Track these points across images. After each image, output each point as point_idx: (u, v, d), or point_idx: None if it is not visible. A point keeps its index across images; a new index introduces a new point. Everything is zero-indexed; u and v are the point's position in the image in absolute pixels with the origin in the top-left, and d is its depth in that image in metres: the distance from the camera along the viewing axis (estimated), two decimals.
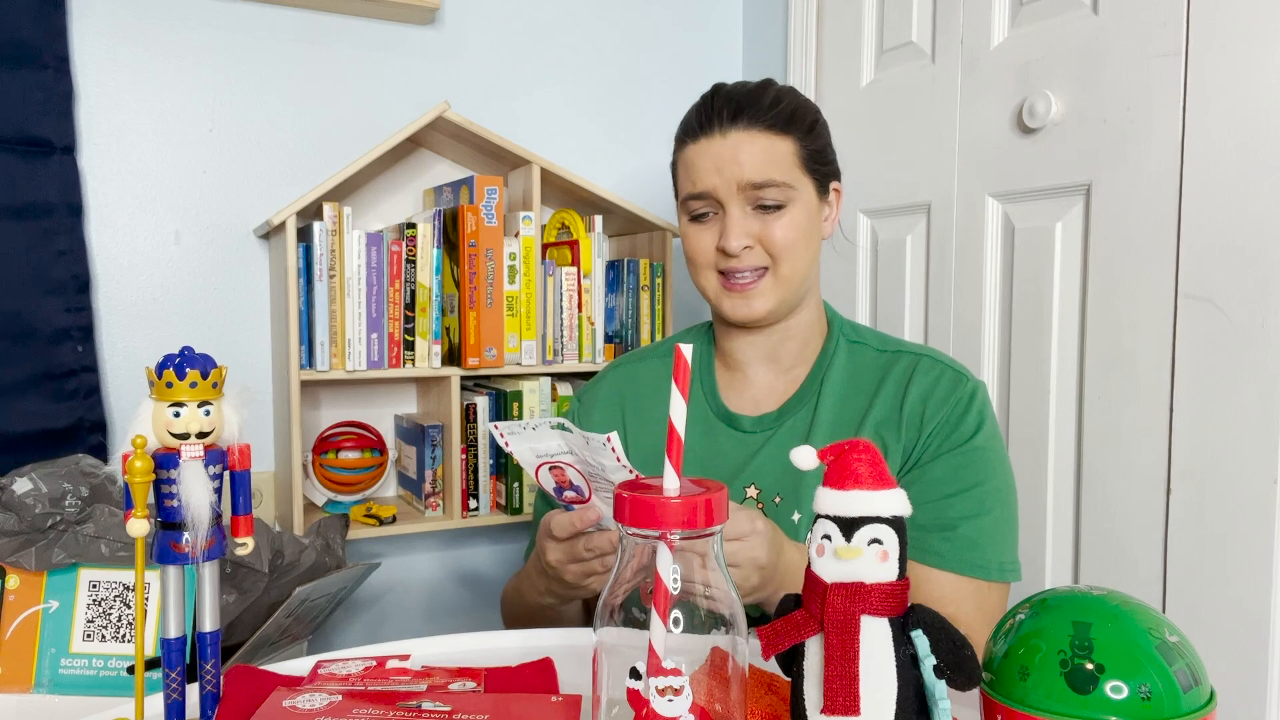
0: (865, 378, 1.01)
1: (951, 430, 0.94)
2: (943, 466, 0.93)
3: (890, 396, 0.98)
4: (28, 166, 1.35)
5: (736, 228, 0.96)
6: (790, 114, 0.98)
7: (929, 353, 1.01)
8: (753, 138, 0.96)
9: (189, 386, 0.55)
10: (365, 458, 1.56)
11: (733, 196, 0.96)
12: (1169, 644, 0.45)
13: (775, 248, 0.96)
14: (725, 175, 0.95)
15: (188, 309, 1.51)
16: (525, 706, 0.59)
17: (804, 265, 0.99)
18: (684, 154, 1.01)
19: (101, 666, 0.98)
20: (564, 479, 0.80)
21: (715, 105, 0.98)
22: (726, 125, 0.97)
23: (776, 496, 0.97)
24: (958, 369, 0.98)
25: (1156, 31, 1.15)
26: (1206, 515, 1.11)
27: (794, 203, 0.97)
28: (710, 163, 0.97)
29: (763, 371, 1.04)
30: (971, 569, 0.90)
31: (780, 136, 0.97)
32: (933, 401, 0.95)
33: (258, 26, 1.53)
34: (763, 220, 0.96)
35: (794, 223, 0.97)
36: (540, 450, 0.77)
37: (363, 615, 1.68)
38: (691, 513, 0.45)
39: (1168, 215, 1.15)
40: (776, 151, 0.96)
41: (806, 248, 0.99)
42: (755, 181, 0.95)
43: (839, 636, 0.44)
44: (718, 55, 1.93)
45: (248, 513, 0.59)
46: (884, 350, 1.02)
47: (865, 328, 1.08)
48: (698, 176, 0.98)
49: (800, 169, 0.98)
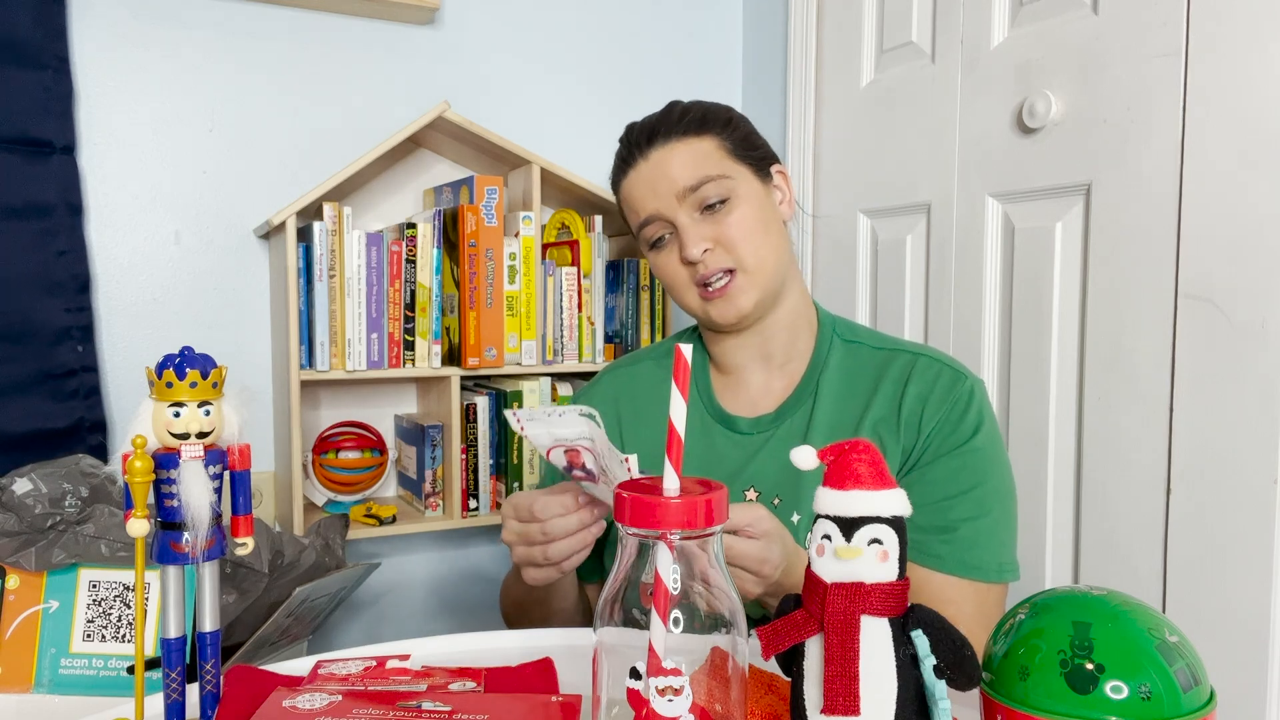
0: (862, 377, 1.01)
1: (951, 431, 0.94)
2: (942, 468, 0.93)
3: (888, 396, 0.98)
4: (28, 166, 1.35)
5: (690, 234, 0.97)
6: (700, 118, 1.01)
7: (926, 351, 1.00)
8: (672, 149, 0.99)
9: (189, 386, 0.55)
10: (365, 458, 1.56)
11: (677, 208, 0.97)
12: (1169, 644, 0.45)
13: (733, 243, 0.97)
14: (661, 191, 0.98)
15: (188, 309, 1.51)
16: (525, 706, 0.59)
17: (771, 254, 0.99)
18: (621, 192, 1.04)
19: (101, 666, 0.98)
20: (578, 460, 0.80)
21: (632, 139, 1.02)
22: (646, 149, 1.00)
23: (776, 498, 0.97)
24: (956, 367, 0.98)
25: (1156, 31, 1.15)
26: (1206, 515, 1.11)
27: (736, 195, 0.98)
28: (645, 187, 0.99)
29: (757, 371, 1.04)
30: (971, 571, 0.90)
31: (697, 138, 0.99)
32: (931, 401, 0.95)
33: (258, 26, 1.53)
34: (714, 221, 0.97)
35: (744, 215, 0.98)
36: (560, 435, 0.78)
37: (363, 615, 1.68)
38: (691, 513, 0.45)
39: (1168, 215, 1.15)
40: (698, 152, 0.98)
41: (766, 236, 0.99)
42: (689, 184, 0.97)
43: (839, 636, 0.44)
44: (717, 55, 1.93)
45: (248, 513, 0.59)
46: (881, 349, 1.02)
47: (860, 326, 1.08)
48: (638, 204, 1.00)
49: (730, 159, 0.99)
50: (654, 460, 1.05)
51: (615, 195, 1.07)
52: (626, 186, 1.03)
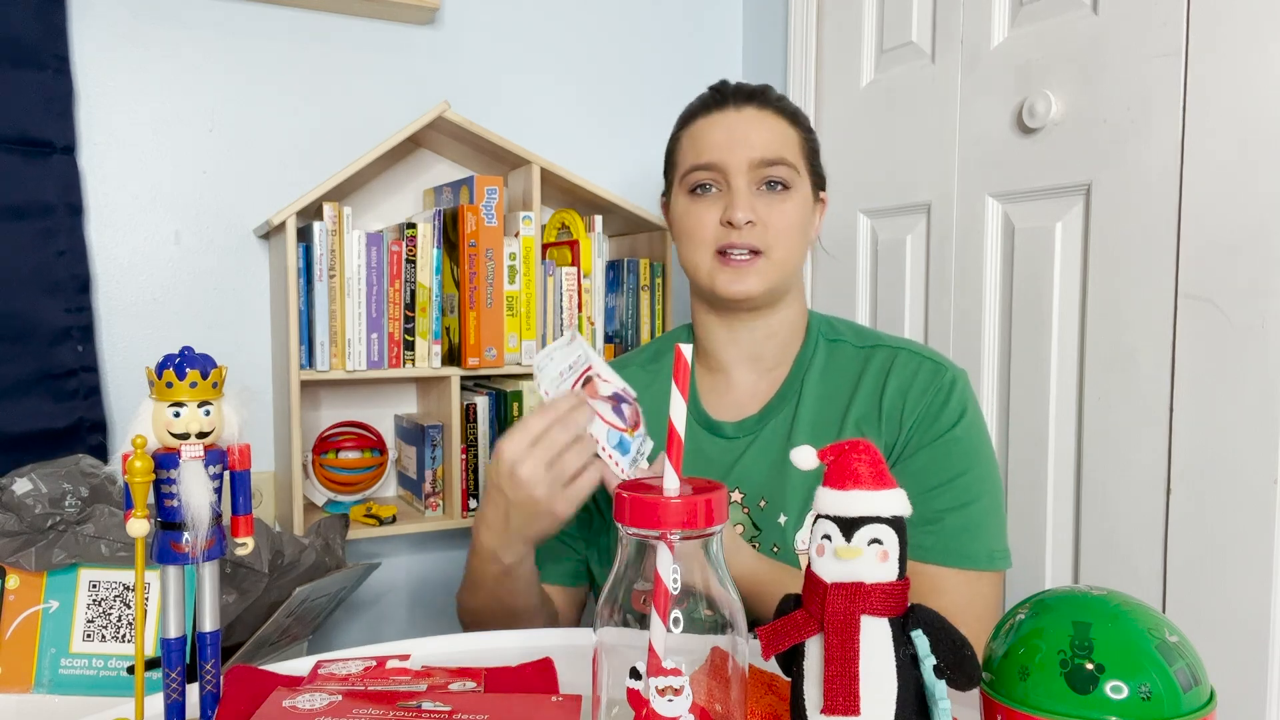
0: (844, 374, 1.01)
1: (932, 421, 0.94)
2: (924, 459, 0.93)
3: (869, 392, 0.98)
4: (28, 166, 1.35)
5: (744, 200, 0.95)
6: (795, 110, 1.03)
7: (906, 345, 1.01)
8: (766, 117, 0.99)
9: (189, 386, 0.55)
10: (365, 458, 1.56)
11: (741, 172, 0.96)
12: (1169, 644, 0.45)
13: (775, 229, 0.96)
14: (736, 147, 0.96)
15: (188, 309, 1.51)
16: (525, 706, 0.59)
17: (796, 257, 0.99)
18: (691, 129, 1.02)
19: (101, 666, 0.98)
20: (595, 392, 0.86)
21: (726, 89, 1.02)
22: (740, 103, 0.99)
23: (762, 500, 0.97)
24: (936, 359, 0.98)
25: (1156, 31, 1.15)
26: (1206, 515, 1.11)
27: (796, 190, 0.98)
28: (723, 135, 0.98)
29: (745, 373, 1.04)
30: (960, 559, 0.90)
31: (789, 124, 1.00)
32: (912, 394, 0.95)
33: (258, 26, 1.53)
34: (767, 201, 0.97)
35: (795, 209, 0.98)
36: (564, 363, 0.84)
37: (363, 615, 1.68)
38: (691, 513, 0.45)
39: (1168, 215, 1.15)
40: (786, 136, 0.99)
41: (800, 240, 1.00)
42: (768, 158, 0.96)
43: (839, 636, 0.44)
44: (718, 55, 1.93)
45: (248, 513, 0.59)
46: (862, 346, 1.02)
47: (843, 323, 1.08)
48: (707, 148, 0.98)
49: (803, 160, 1.00)
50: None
51: (676, 131, 1.05)
52: (700, 127, 1.00)
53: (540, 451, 0.82)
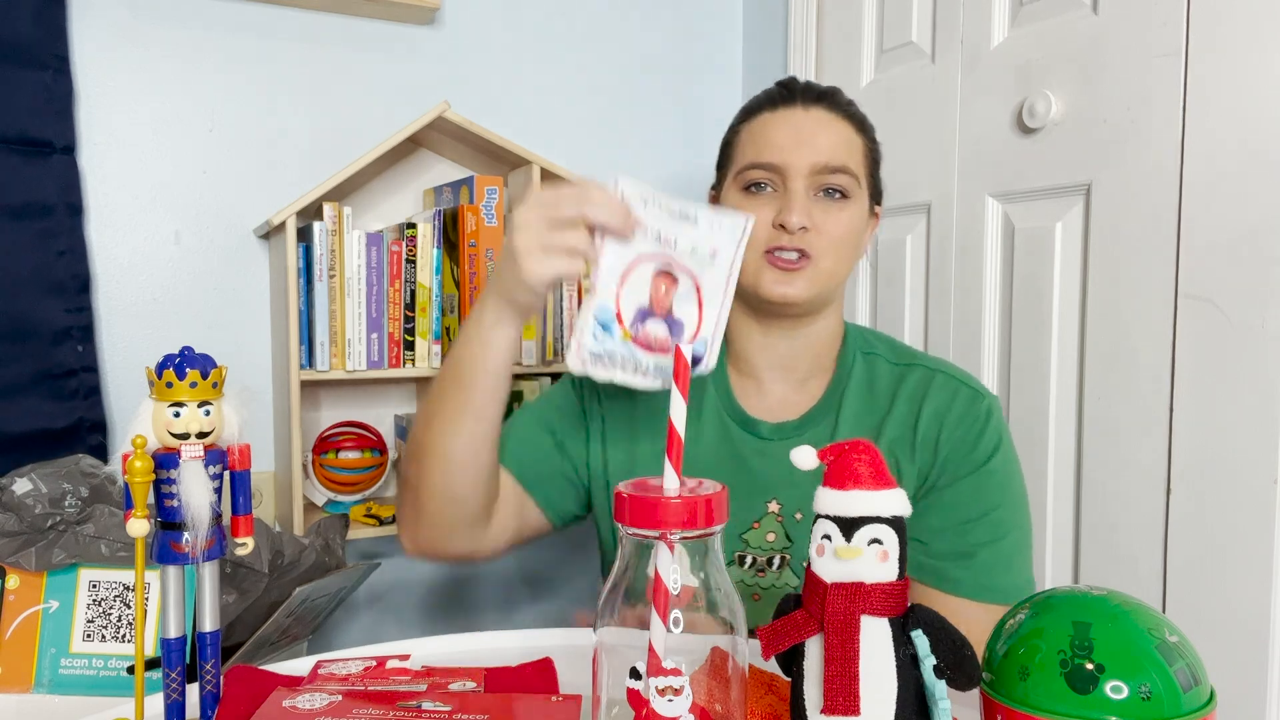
0: (879, 392, 0.98)
1: (969, 451, 0.92)
2: (959, 492, 0.91)
3: (904, 414, 0.95)
4: (28, 166, 1.35)
5: (800, 204, 0.91)
6: (863, 118, 0.99)
7: (943, 367, 0.98)
8: (834, 120, 0.95)
9: (189, 386, 0.55)
10: (365, 458, 1.56)
11: (801, 175, 0.92)
12: (1169, 644, 0.45)
13: (829, 237, 0.92)
14: (800, 152, 0.92)
15: (188, 309, 1.51)
16: (525, 706, 0.59)
17: (844, 268, 0.96)
18: (753, 124, 0.98)
19: (101, 666, 0.98)
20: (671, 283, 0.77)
21: (795, 87, 0.98)
22: (808, 103, 0.96)
23: (798, 513, 0.95)
24: (973, 385, 0.96)
25: (1156, 31, 1.15)
26: (1206, 515, 1.11)
27: (854, 200, 0.95)
28: (788, 134, 0.94)
29: (776, 382, 1.00)
30: (992, 595, 0.88)
31: (856, 131, 0.97)
32: (949, 420, 0.93)
33: (258, 26, 1.53)
34: (823, 208, 0.93)
35: (851, 220, 0.94)
36: (663, 213, 0.75)
37: (363, 615, 1.68)
38: (691, 513, 0.45)
39: (1168, 215, 1.15)
40: (852, 143, 0.96)
41: (851, 252, 0.96)
42: (831, 164, 0.92)
43: (839, 636, 0.44)
44: (717, 55, 1.93)
45: (248, 513, 0.59)
46: (897, 363, 0.99)
47: (876, 337, 1.05)
48: (768, 146, 0.94)
49: (865, 170, 0.97)
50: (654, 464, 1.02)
51: (736, 124, 1.01)
52: (763, 123, 0.96)
53: (546, 209, 0.77)
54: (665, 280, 0.77)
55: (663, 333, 0.77)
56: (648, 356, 0.77)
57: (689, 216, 0.76)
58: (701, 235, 0.76)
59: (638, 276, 0.77)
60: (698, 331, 0.77)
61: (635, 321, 0.76)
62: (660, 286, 0.77)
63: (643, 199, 0.76)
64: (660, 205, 0.76)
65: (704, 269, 0.77)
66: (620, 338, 0.76)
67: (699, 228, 0.76)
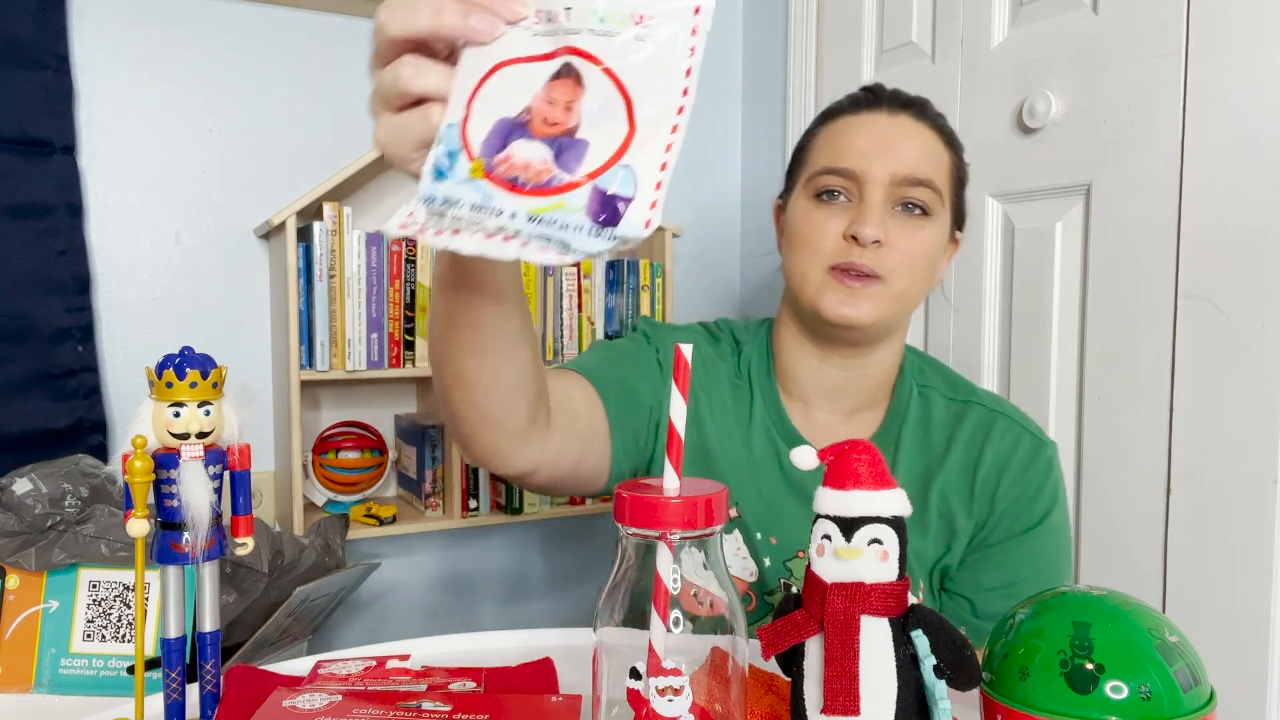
0: (934, 431, 0.91)
1: (1027, 506, 0.87)
2: (1012, 551, 0.88)
3: (961, 459, 0.89)
4: (28, 166, 1.35)
5: (876, 215, 0.83)
6: (952, 133, 0.91)
7: (1002, 408, 0.92)
8: (921, 130, 0.87)
9: (189, 386, 0.55)
10: (365, 458, 1.56)
11: (880, 185, 0.84)
12: (1169, 644, 0.45)
13: (902, 257, 0.84)
14: (880, 160, 0.84)
15: (188, 309, 1.51)
16: (525, 706, 0.59)
17: (915, 293, 0.87)
18: (832, 127, 0.90)
19: (101, 666, 0.98)
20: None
21: (882, 93, 0.91)
22: (897, 109, 0.88)
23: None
24: (1034, 432, 0.90)
25: (1156, 31, 1.15)
26: (1206, 515, 1.11)
27: (935, 219, 0.87)
28: (869, 140, 0.86)
29: (824, 410, 0.94)
30: None
31: (944, 145, 0.89)
32: (1009, 472, 0.88)
33: (258, 26, 1.53)
34: (900, 224, 0.85)
35: (929, 240, 0.86)
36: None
37: (363, 615, 1.68)
38: (691, 512, 0.45)
39: (1168, 215, 1.15)
40: (938, 157, 0.88)
41: (926, 276, 0.88)
42: (914, 176, 0.84)
43: (839, 636, 0.44)
44: (717, 55, 1.93)
45: (248, 513, 0.59)
46: (953, 399, 0.93)
47: (929, 365, 0.98)
48: (846, 152, 0.86)
49: (950, 188, 0.89)
50: (732, 465, 0.90)
51: (814, 127, 0.93)
52: (843, 126, 0.89)
53: (373, 64, 0.54)
54: (564, 86, 0.47)
55: (538, 157, 0.46)
56: (510, 199, 0.46)
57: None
58: (628, 11, 0.46)
59: (507, 80, 0.48)
60: (615, 159, 0.45)
61: (490, 143, 0.47)
62: (552, 94, 0.47)
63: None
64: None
65: (639, 72, 0.47)
66: (466, 173, 0.47)
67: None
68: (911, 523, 0.87)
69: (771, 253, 1.00)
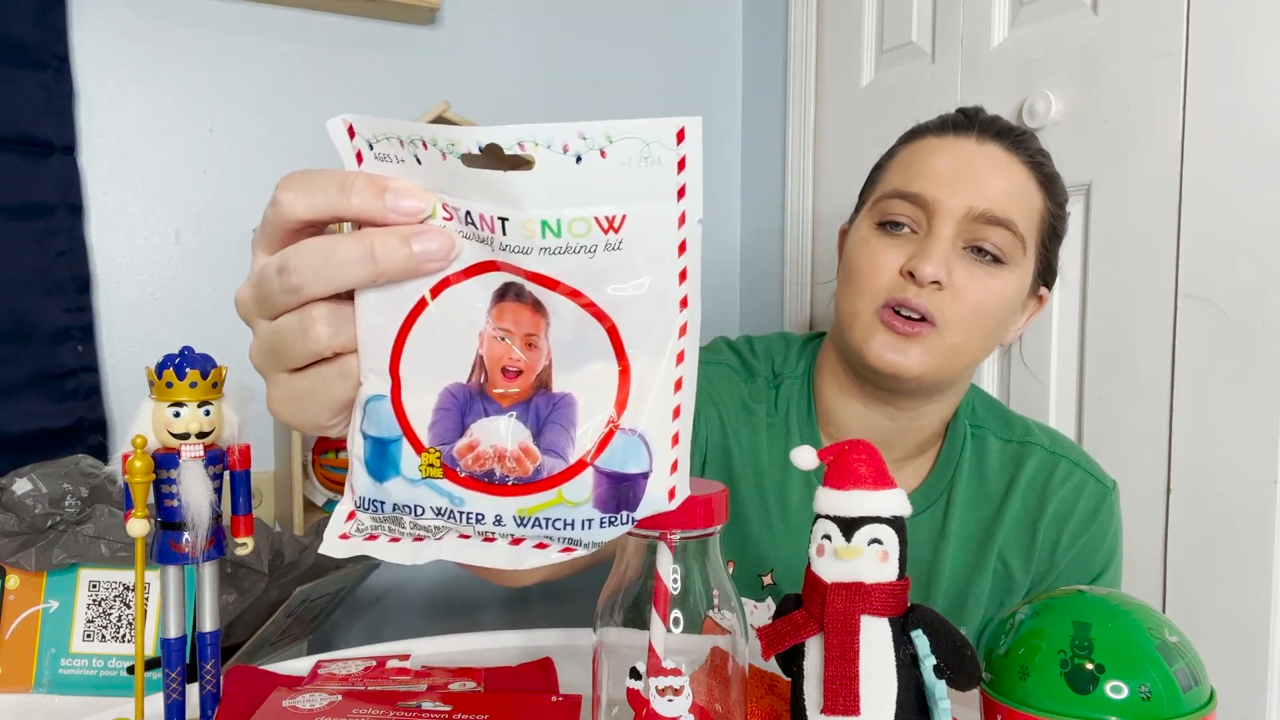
0: (990, 478, 0.84)
1: (1089, 559, 0.83)
2: None
3: (1021, 512, 0.82)
4: (28, 166, 1.35)
5: (940, 252, 0.73)
6: (1054, 173, 0.80)
7: (1061, 450, 0.85)
8: (1013, 164, 0.76)
9: (189, 386, 0.55)
10: None
11: (952, 219, 0.74)
12: (1169, 644, 0.45)
13: (962, 306, 0.74)
14: (957, 190, 0.74)
15: (188, 309, 1.51)
16: (525, 706, 0.59)
17: (976, 349, 0.77)
18: (912, 147, 0.81)
19: (101, 666, 0.98)
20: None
21: (977, 117, 0.80)
22: (989, 137, 0.78)
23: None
24: (1098, 477, 0.85)
25: (1156, 31, 1.15)
26: (1206, 515, 1.11)
27: (1012, 269, 0.76)
28: (949, 166, 0.76)
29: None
30: None
31: (1038, 186, 0.78)
32: (1072, 524, 0.82)
33: (258, 26, 1.53)
34: (967, 267, 0.75)
35: (1001, 290, 0.76)
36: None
37: (363, 615, 1.68)
38: (691, 512, 0.45)
39: (1168, 215, 1.15)
40: (1028, 197, 0.77)
41: (992, 331, 0.77)
42: (992, 214, 0.74)
43: (839, 636, 0.44)
44: (717, 55, 1.93)
45: (248, 513, 0.59)
46: (1008, 440, 0.86)
47: (982, 402, 0.89)
48: (920, 175, 0.76)
49: (1036, 237, 0.79)
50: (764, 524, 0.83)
51: (894, 147, 0.85)
52: (923, 148, 0.79)
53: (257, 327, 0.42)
54: (517, 311, 0.34)
55: (514, 440, 0.35)
56: (489, 501, 0.36)
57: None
58: (592, 215, 0.33)
59: (439, 316, 0.35)
60: (614, 425, 0.35)
61: (442, 425, 0.35)
62: (503, 321, 0.35)
63: (404, 154, 0.35)
64: (443, 146, 0.34)
65: (614, 280, 0.34)
66: (417, 470, 0.36)
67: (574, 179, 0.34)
68: (962, 590, 0.84)
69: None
